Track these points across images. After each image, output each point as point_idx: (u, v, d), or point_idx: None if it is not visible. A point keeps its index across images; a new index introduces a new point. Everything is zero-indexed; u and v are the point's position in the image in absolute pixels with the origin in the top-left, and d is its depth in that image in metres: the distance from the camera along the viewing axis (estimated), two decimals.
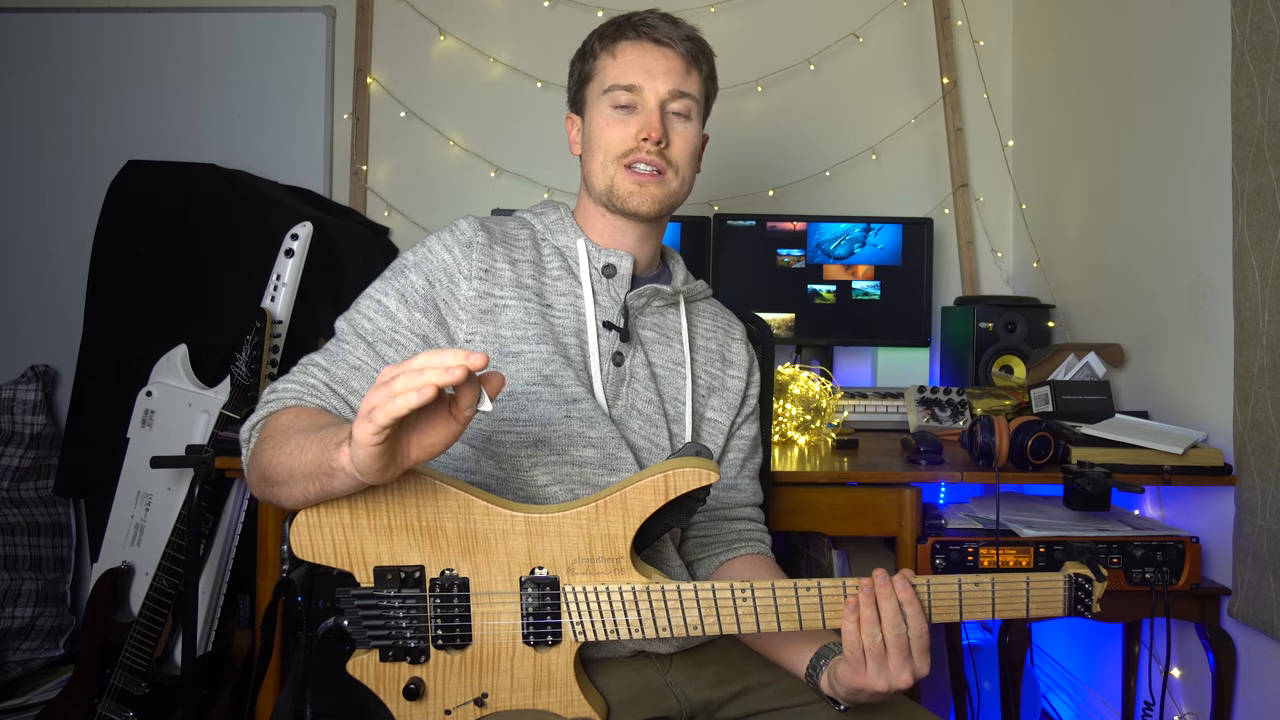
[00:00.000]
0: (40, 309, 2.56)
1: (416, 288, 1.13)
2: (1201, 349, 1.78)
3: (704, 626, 0.99)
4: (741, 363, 1.31)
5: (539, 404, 1.10)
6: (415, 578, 0.98)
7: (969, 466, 1.69)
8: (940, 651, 2.16)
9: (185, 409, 1.95)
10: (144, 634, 1.84)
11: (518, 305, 1.14)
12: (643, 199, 1.18)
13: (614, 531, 0.99)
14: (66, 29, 2.59)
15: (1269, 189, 1.55)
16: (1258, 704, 1.63)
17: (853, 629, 0.97)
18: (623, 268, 1.20)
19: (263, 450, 1.00)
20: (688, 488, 0.98)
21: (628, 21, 1.21)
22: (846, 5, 2.64)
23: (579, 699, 1.01)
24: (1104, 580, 1.02)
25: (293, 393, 1.07)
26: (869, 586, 0.97)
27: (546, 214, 1.25)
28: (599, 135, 1.20)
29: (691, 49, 1.21)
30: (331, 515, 0.97)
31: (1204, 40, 1.76)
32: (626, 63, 1.19)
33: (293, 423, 1.01)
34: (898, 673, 0.95)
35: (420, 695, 0.99)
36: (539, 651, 1.00)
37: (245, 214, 2.18)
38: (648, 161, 1.17)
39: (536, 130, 2.62)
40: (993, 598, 1.00)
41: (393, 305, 1.12)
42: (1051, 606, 1.01)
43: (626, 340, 1.19)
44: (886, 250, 2.42)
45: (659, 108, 1.18)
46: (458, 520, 0.98)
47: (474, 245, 1.15)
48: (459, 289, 1.13)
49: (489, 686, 1.00)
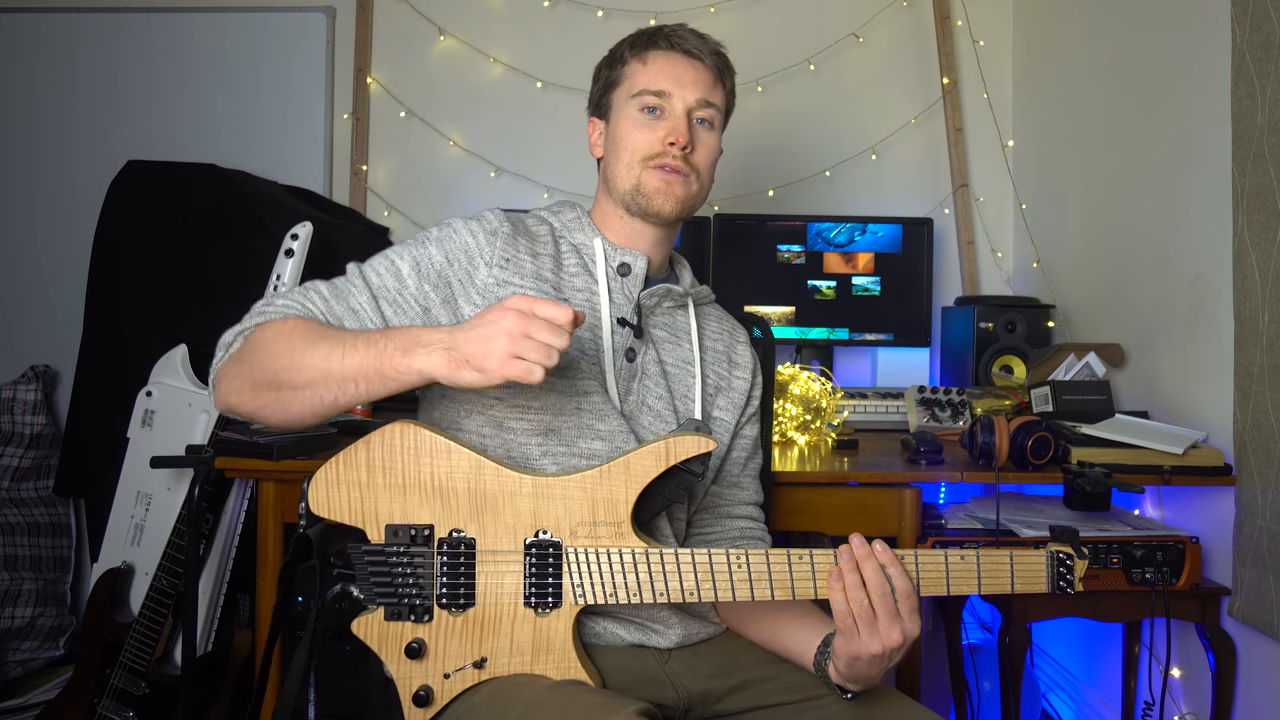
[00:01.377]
0: (40, 309, 2.56)
1: (433, 261, 1.14)
2: (1201, 349, 1.78)
3: (700, 592, 1.03)
4: (747, 365, 1.34)
5: (551, 394, 1.12)
6: (424, 535, 1.02)
7: (969, 466, 1.69)
8: (940, 651, 2.16)
9: (185, 409, 1.95)
10: (144, 634, 1.84)
11: (536, 295, 1.14)
12: (666, 197, 1.20)
13: (616, 496, 1.03)
14: (66, 29, 2.59)
15: (1269, 189, 1.55)
16: (1258, 704, 1.63)
17: (840, 596, 1.00)
18: (637, 267, 1.23)
19: (274, 350, 1.01)
20: (687, 454, 1.03)
21: (660, 33, 1.25)
22: (846, 5, 2.64)
23: (576, 666, 1.03)
24: (1084, 558, 1.05)
25: (294, 309, 1.09)
26: (848, 552, 1.01)
27: (564, 212, 1.27)
28: (626, 138, 1.22)
29: (719, 63, 1.25)
30: (349, 473, 1.02)
31: (1204, 40, 1.76)
32: (657, 70, 1.22)
33: (309, 328, 1.03)
34: (888, 633, 0.99)
35: (421, 655, 1.02)
36: (540, 616, 1.03)
37: (245, 214, 2.18)
38: (673, 166, 1.20)
39: (537, 130, 2.62)
40: (978, 571, 1.03)
41: (405, 270, 1.13)
42: (1035, 583, 1.04)
43: (640, 337, 1.21)
44: (886, 238, 2.42)
45: (686, 115, 1.21)
46: (469, 480, 1.03)
47: (499, 234, 1.17)
48: (477, 273, 1.14)
49: (488, 650, 1.03)
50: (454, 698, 1.03)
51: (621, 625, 1.13)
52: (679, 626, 1.16)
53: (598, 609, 1.12)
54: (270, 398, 1.01)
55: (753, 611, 1.20)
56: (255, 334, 1.05)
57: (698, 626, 1.19)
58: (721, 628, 1.23)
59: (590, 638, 1.12)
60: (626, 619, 1.14)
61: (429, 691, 1.02)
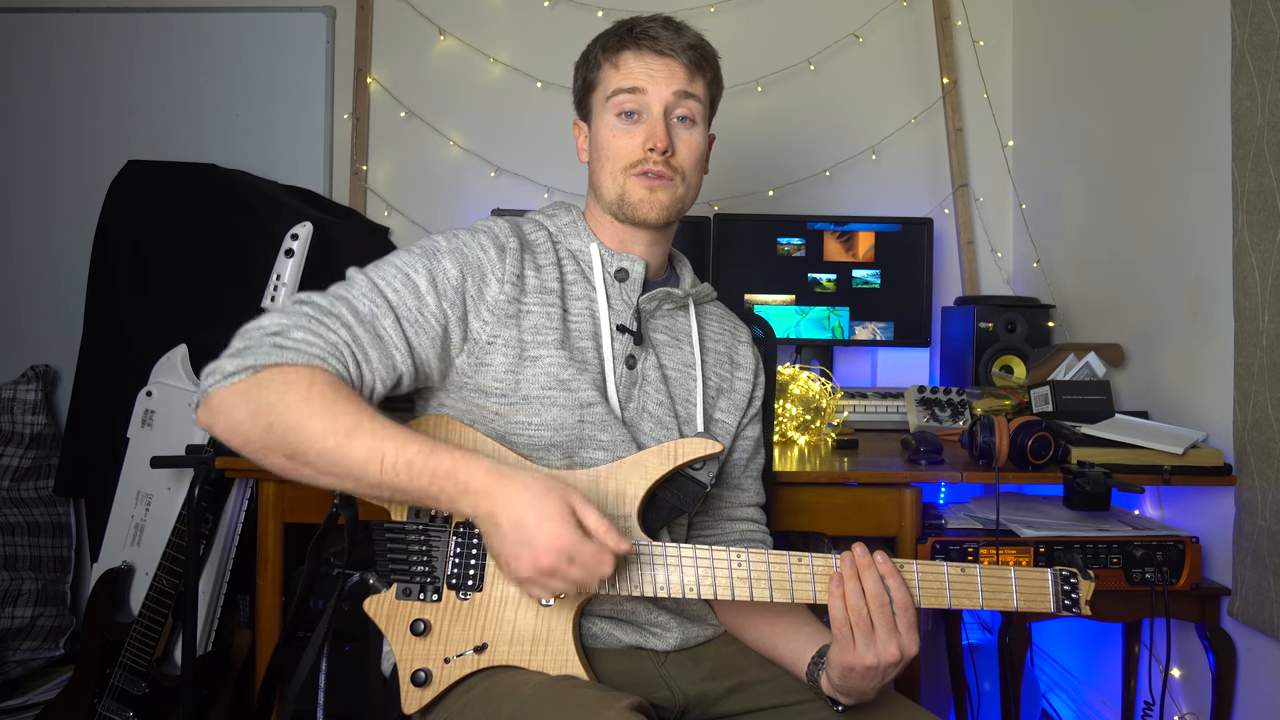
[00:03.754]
0: (40, 309, 2.56)
1: (450, 277, 1.08)
2: (1201, 349, 1.78)
3: (700, 589, 1.04)
4: (749, 365, 1.32)
5: (553, 408, 1.11)
6: (444, 517, 1.06)
7: (969, 466, 1.69)
8: (940, 651, 2.16)
9: (185, 409, 1.95)
10: (144, 634, 1.84)
11: (540, 310, 1.13)
12: (651, 206, 1.17)
13: (624, 490, 1.07)
14: (66, 29, 2.59)
15: (1269, 189, 1.55)
16: (1258, 704, 1.63)
17: (839, 604, 1.00)
18: (635, 272, 1.20)
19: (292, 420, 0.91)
20: (694, 455, 1.07)
21: (630, 32, 1.19)
22: (846, 5, 2.64)
23: (573, 659, 1.04)
24: (1090, 579, 1.04)
25: (317, 350, 0.96)
26: (850, 560, 1.01)
27: (559, 216, 1.24)
28: (606, 146, 1.19)
29: (695, 57, 1.19)
30: None
31: (1204, 40, 1.76)
32: (628, 73, 1.18)
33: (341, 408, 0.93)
34: (885, 646, 0.98)
35: (426, 635, 1.04)
36: (542, 605, 1.05)
37: (245, 214, 2.18)
38: (655, 172, 1.17)
39: (536, 130, 2.62)
40: (980, 586, 1.03)
41: (423, 286, 1.06)
42: (1040, 601, 1.04)
43: (640, 344, 1.19)
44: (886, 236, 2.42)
45: (663, 116, 1.17)
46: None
47: (508, 250, 1.12)
48: (489, 289, 1.11)
49: (490, 637, 1.05)
50: (450, 686, 1.04)
51: (619, 627, 1.13)
52: (677, 630, 1.16)
53: (597, 610, 1.12)
54: (282, 463, 0.94)
55: (750, 614, 1.19)
56: (269, 376, 0.93)
57: (696, 630, 1.19)
58: (720, 630, 1.23)
59: (588, 639, 1.11)
60: (625, 621, 1.14)
61: (428, 674, 1.03)
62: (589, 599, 1.07)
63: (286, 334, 0.96)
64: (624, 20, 1.22)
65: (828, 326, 2.42)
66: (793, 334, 2.42)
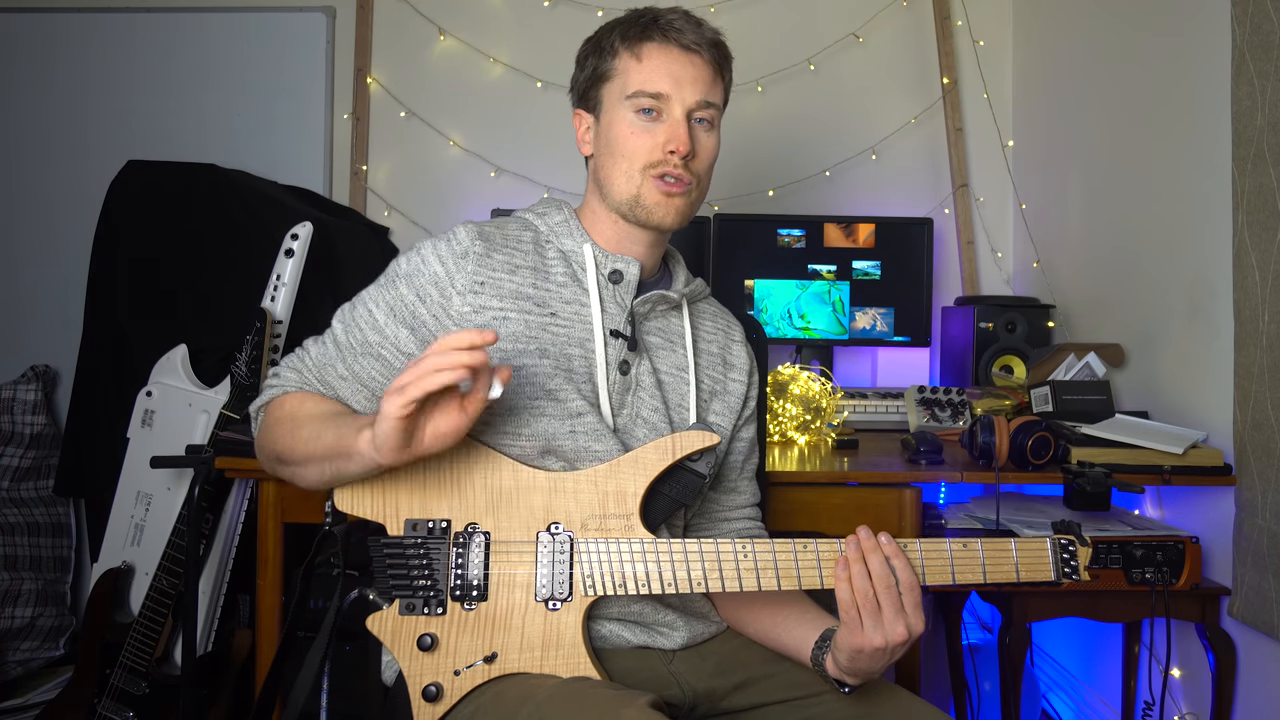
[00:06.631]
0: (40, 309, 2.56)
1: (405, 302, 1.11)
2: (1201, 349, 1.78)
3: (707, 582, 1.04)
4: (743, 365, 1.30)
5: (541, 419, 1.09)
6: (442, 529, 1.05)
7: (969, 466, 1.69)
8: (940, 651, 2.16)
9: (185, 409, 1.95)
10: (144, 634, 1.84)
11: (518, 318, 1.11)
12: (668, 211, 1.15)
13: (624, 489, 1.06)
14: (66, 29, 2.59)
15: (1269, 189, 1.55)
16: (1258, 704, 1.63)
17: (845, 587, 1.00)
18: (630, 274, 1.17)
19: (276, 434, 1.11)
20: (692, 448, 1.07)
21: (654, 23, 1.15)
22: (846, 5, 2.64)
23: (585, 661, 1.04)
24: (1087, 545, 1.05)
25: (293, 382, 1.16)
26: (855, 542, 1.01)
27: (550, 214, 1.20)
28: (623, 143, 1.14)
29: (717, 55, 1.16)
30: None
31: (1204, 40, 1.76)
32: (653, 68, 1.13)
33: (299, 409, 1.11)
34: (892, 626, 0.99)
35: (433, 649, 1.03)
36: (550, 610, 1.04)
37: (245, 214, 2.18)
38: (674, 175, 1.13)
39: (537, 130, 2.62)
40: (982, 559, 1.04)
41: (381, 318, 1.12)
42: (1041, 570, 1.05)
43: (634, 349, 1.16)
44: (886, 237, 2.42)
45: (685, 118, 1.13)
46: (485, 475, 1.06)
47: (469, 256, 1.10)
48: (451, 304, 1.09)
49: (499, 646, 1.04)
50: (462, 697, 1.03)
51: (628, 628, 1.13)
52: (684, 628, 1.16)
53: (604, 613, 1.11)
54: (284, 471, 1.11)
55: (752, 606, 1.19)
56: (269, 410, 1.15)
57: (701, 627, 1.19)
58: (722, 626, 1.23)
59: (596, 641, 1.11)
60: (633, 622, 1.13)
61: (439, 688, 1.02)
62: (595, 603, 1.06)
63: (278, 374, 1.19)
64: (641, 10, 1.18)
65: (828, 301, 2.41)
66: (793, 309, 2.41)
